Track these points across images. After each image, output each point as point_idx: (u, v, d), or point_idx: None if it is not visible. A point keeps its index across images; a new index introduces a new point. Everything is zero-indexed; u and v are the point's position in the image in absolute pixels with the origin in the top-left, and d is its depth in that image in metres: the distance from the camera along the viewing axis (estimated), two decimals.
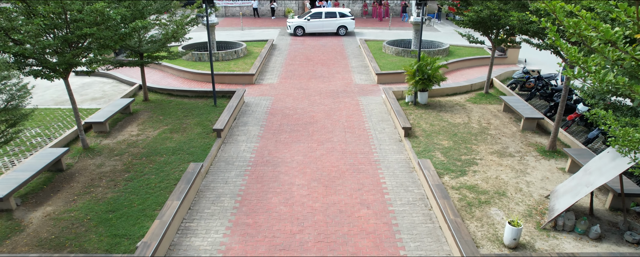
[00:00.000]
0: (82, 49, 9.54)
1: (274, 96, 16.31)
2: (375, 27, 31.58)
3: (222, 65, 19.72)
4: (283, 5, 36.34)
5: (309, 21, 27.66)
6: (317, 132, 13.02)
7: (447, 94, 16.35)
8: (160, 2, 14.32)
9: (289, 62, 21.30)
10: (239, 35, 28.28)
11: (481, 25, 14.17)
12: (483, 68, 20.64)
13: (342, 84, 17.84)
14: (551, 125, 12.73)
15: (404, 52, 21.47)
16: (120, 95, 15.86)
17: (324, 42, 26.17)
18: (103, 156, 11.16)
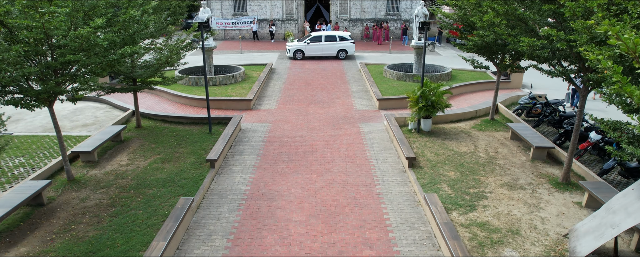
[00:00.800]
0: (67, 76, 9.00)
1: (272, 123, 15.73)
2: (375, 51, 31.29)
3: (219, 90, 19.22)
4: (283, 28, 36.22)
5: (309, 45, 27.36)
6: (317, 161, 12.38)
7: (451, 121, 15.77)
8: (155, 26, 13.91)
9: (288, 87, 20.82)
10: (237, 58, 27.95)
11: (486, 50, 13.71)
12: (486, 93, 20.16)
13: (343, 109, 17.29)
14: (563, 155, 12.10)
15: (406, 76, 21.02)
16: (112, 121, 15.28)
17: (324, 65, 25.79)
18: (88, 188, 10.49)
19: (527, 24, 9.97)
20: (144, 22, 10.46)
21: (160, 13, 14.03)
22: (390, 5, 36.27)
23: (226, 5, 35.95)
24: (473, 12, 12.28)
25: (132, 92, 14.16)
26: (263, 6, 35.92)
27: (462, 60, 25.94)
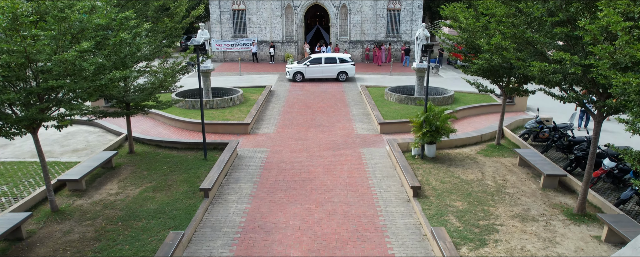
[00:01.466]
0: (53, 101, 8.49)
1: (270, 148, 15.17)
2: (376, 73, 30.98)
3: (217, 114, 18.73)
4: (282, 50, 36.04)
5: (309, 67, 27.04)
6: (316, 190, 11.76)
7: (456, 146, 15.21)
8: (150, 49, 13.51)
9: (287, 110, 20.34)
10: (236, 80, 27.59)
11: (491, 73, 13.27)
12: (490, 116, 19.67)
13: (343, 133, 16.75)
14: (576, 183, 11.50)
15: (407, 99, 20.56)
16: (104, 146, 14.72)
17: (324, 88, 25.39)
18: (73, 220, 9.85)
19: (535, 47, 9.53)
20: (136, 45, 10.02)
21: (156, 35, 13.66)
22: (391, 27, 36.19)
23: (226, 27, 35.86)
24: (479, 35, 11.87)
25: (125, 117, 13.65)
26: (263, 28, 35.83)
27: (464, 82, 25.57)
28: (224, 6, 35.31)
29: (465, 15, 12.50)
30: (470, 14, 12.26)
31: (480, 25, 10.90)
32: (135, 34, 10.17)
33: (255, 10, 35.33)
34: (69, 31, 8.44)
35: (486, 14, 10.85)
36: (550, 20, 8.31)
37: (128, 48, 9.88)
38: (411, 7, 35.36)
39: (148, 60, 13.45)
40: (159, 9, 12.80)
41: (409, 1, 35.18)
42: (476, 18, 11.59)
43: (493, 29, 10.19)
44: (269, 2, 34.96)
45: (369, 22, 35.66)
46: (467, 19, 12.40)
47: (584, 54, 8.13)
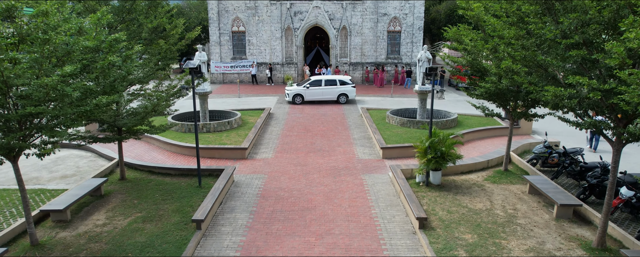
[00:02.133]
0: (32, 129, 7.92)
1: (268, 174, 14.53)
2: (377, 95, 30.56)
3: (213, 137, 18.15)
4: (282, 72, 35.73)
5: (308, 89, 26.61)
6: (316, 221, 11.07)
7: (462, 172, 14.57)
8: (144, 72, 13.03)
9: (286, 133, 19.78)
10: (235, 103, 27.12)
11: (498, 96, 12.75)
12: (495, 139, 19.09)
13: (344, 159, 16.13)
14: (593, 214, 10.82)
15: (410, 122, 20.02)
16: (95, 172, 14.09)
17: (324, 110, 24.90)
18: (54, 255, 9.14)
19: (546, 70, 9.02)
20: (127, 69, 9.51)
21: (151, 57, 13.20)
22: (391, 49, 35.99)
23: (225, 49, 35.66)
24: (488, 58, 11.38)
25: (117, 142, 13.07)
26: (262, 50, 35.62)
27: (466, 104, 25.11)
28: (224, 28, 35.19)
29: (472, 37, 12.06)
30: (478, 35, 11.80)
31: (489, 47, 10.43)
32: (125, 57, 9.68)
33: (255, 32, 35.20)
34: (53, 54, 7.94)
35: (494, 35, 10.39)
36: (565, 43, 7.81)
37: (118, 71, 9.37)
38: (411, 29, 35.23)
39: (142, 83, 12.94)
40: (153, 30, 12.37)
41: (409, 23, 35.07)
42: (485, 40, 11.13)
43: (502, 52, 9.70)
44: (268, 24, 34.85)
45: (369, 44, 35.47)
46: (473, 41, 11.96)
47: (602, 78, 7.61)
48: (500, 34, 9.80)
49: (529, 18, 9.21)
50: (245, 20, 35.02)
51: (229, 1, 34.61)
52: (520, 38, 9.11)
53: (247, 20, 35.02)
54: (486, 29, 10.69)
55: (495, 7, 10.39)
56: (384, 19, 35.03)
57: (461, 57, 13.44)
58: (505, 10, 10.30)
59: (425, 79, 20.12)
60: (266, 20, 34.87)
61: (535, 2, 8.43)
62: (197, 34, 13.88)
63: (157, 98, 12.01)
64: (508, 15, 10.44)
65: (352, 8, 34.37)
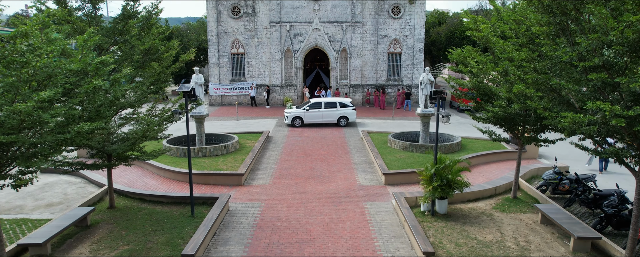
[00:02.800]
0: (6, 158, 7.30)
1: (265, 202, 13.82)
2: (377, 117, 30.03)
3: (209, 162, 17.50)
4: (281, 94, 35.31)
5: (308, 112, 26.08)
6: (315, 254, 10.32)
7: (469, 200, 13.87)
8: (136, 95, 12.50)
9: (285, 158, 19.13)
10: (233, 125, 26.57)
11: (506, 121, 12.17)
12: (501, 164, 18.45)
13: (345, 185, 15.44)
14: (613, 248, 10.07)
15: (412, 146, 19.40)
16: (84, 199, 13.38)
17: (324, 133, 24.31)
18: None
19: (559, 95, 8.47)
20: (114, 93, 8.95)
21: (144, 81, 12.68)
22: (392, 71, 35.67)
23: (224, 71, 35.34)
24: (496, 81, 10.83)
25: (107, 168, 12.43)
26: (262, 72, 35.30)
27: (469, 127, 24.57)
28: (223, 50, 34.95)
29: (480, 59, 11.54)
30: (487, 58, 11.27)
31: (500, 70, 9.88)
32: (113, 81, 9.14)
33: (255, 54, 34.95)
34: (33, 78, 7.39)
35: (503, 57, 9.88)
36: (582, 66, 7.27)
37: (104, 96, 8.81)
38: (412, 51, 34.99)
39: (134, 106, 12.39)
40: (145, 52, 11.89)
41: (409, 45, 34.85)
42: (494, 63, 10.61)
43: (513, 75, 9.16)
44: (268, 46, 34.63)
45: (370, 65, 35.18)
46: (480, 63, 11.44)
47: (624, 103, 7.03)
48: (509, 56, 9.28)
49: (540, 39, 8.70)
50: (244, 42, 34.82)
51: (228, 23, 34.48)
52: (531, 60, 8.59)
53: (247, 42, 34.82)
54: (495, 51, 10.19)
55: (503, 27, 9.92)
56: (384, 41, 34.83)
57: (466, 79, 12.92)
58: (514, 31, 9.81)
59: (428, 102, 19.61)
60: (266, 42, 34.67)
61: (547, 23, 7.93)
62: (191, 56, 13.43)
63: (148, 123, 11.39)
64: (517, 36, 9.95)
65: (352, 30, 34.21)
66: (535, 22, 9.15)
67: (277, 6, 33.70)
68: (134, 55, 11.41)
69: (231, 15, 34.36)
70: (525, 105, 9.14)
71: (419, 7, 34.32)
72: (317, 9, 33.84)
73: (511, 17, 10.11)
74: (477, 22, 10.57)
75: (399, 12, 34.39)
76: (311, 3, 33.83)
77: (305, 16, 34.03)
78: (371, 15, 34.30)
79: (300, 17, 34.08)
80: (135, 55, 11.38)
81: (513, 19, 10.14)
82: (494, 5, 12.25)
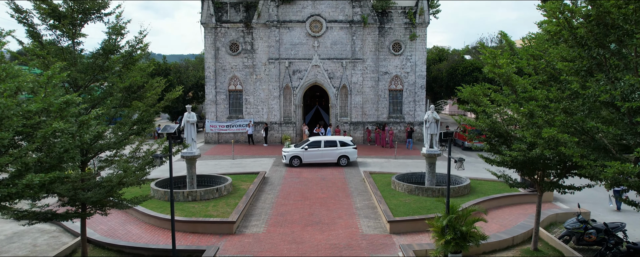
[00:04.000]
0: None
1: (257, 254, 12.39)
2: (379, 156, 28.81)
3: (199, 208, 16.16)
4: (280, 131, 34.23)
5: (307, 151, 24.88)
6: None
7: (484, 252, 12.45)
8: (117, 136, 11.36)
9: (281, 202, 17.77)
10: (228, 165, 25.32)
11: (525, 165, 10.95)
12: (514, 208, 17.13)
13: (346, 234, 14.04)
14: None
15: (418, 189, 18.08)
16: (55, 252, 11.99)
17: (324, 174, 23.01)
18: None
19: (594, 139, 7.32)
20: (81, 138, 7.80)
21: (126, 120, 11.57)
22: (393, 108, 34.76)
23: (221, 108, 34.42)
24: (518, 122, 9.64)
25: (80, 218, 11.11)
26: (260, 109, 34.38)
27: (476, 167, 23.30)
28: (220, 87, 34.19)
29: (499, 98, 10.43)
30: (510, 97, 10.14)
31: (524, 112, 8.74)
32: (81, 123, 8.01)
33: (253, 91, 34.15)
34: None
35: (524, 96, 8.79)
36: (627, 107, 6.16)
37: (71, 140, 7.66)
38: (413, 88, 34.21)
39: (111, 149, 11.21)
40: (125, 90, 10.85)
41: (411, 81, 34.12)
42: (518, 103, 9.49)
43: (540, 117, 8.03)
44: (266, 83, 33.90)
45: (370, 102, 34.30)
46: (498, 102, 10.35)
47: None
48: (532, 95, 8.19)
49: (566, 76, 7.64)
50: (242, 78, 34.12)
51: (226, 60, 33.90)
52: (560, 100, 7.50)
53: (245, 79, 34.11)
54: (517, 90, 9.13)
55: (521, 63, 8.91)
56: (385, 78, 34.13)
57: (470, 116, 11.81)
58: (532, 66, 8.79)
59: (433, 141, 18.47)
60: (264, 78, 33.97)
61: (579, 57, 6.89)
62: (178, 94, 12.40)
63: (124, 169, 10.17)
64: (537, 73, 8.92)
65: (352, 67, 33.57)
66: (557, 57, 8.14)
67: (276, 43, 33.22)
68: (114, 93, 10.36)
69: (229, 51, 33.83)
70: (555, 152, 7.99)
71: (419, 43, 33.84)
72: (317, 45, 33.36)
73: (528, 51, 9.13)
74: (496, 56, 9.57)
75: (399, 48, 33.88)
76: (311, 40, 33.38)
77: (304, 53, 33.49)
78: (371, 51, 33.77)
79: (300, 54, 33.54)
80: (115, 93, 10.33)
81: (530, 54, 9.14)
82: (506, 39, 11.32)
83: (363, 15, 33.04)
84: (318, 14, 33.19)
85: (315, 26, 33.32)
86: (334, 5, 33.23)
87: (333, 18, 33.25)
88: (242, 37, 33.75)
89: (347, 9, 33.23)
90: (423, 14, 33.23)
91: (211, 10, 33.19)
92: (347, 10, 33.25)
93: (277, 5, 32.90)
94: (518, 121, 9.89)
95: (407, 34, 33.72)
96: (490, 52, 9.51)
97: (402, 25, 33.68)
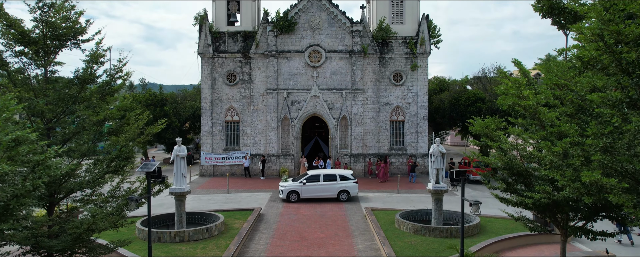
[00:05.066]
0: None
1: None
2: (381, 190, 27.48)
3: (186, 250, 14.83)
4: (278, 164, 32.99)
5: (305, 185, 23.59)
6: None
7: None
8: (92, 175, 10.22)
9: (277, 243, 16.40)
10: (222, 200, 24.00)
11: (549, 207, 9.73)
12: (529, 249, 15.86)
13: None
14: None
15: (425, 229, 16.76)
16: None
17: (323, 210, 21.68)
18: None
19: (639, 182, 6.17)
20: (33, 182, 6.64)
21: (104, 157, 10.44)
22: (395, 139, 33.66)
23: (217, 140, 33.34)
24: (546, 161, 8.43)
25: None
26: (257, 140, 33.28)
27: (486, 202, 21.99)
28: (217, 118, 33.22)
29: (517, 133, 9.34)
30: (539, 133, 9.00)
31: (558, 151, 7.59)
32: (35, 163, 6.87)
33: (250, 122, 33.16)
34: None
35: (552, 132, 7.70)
36: None
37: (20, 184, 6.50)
38: (415, 119, 33.24)
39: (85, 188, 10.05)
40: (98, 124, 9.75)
41: (412, 112, 33.19)
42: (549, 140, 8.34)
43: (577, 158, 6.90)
44: (264, 114, 32.95)
45: (371, 134, 33.24)
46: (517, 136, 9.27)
47: None
48: (560, 130, 7.11)
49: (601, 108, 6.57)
50: (239, 109, 33.20)
51: (223, 90, 33.09)
52: (600, 136, 6.40)
53: (242, 110, 33.18)
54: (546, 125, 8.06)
55: (546, 93, 7.88)
56: (386, 109, 33.21)
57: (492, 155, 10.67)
58: (558, 97, 7.75)
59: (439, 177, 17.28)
60: (262, 109, 33.05)
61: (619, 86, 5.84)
62: (160, 128, 11.31)
63: (93, 214, 8.97)
64: (563, 104, 7.87)
65: (353, 97, 32.72)
66: (586, 86, 7.11)
67: (275, 73, 32.51)
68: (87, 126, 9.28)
69: (226, 82, 33.06)
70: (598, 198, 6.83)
71: (421, 73, 33.12)
72: (316, 76, 32.62)
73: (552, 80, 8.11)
74: (521, 86, 8.50)
75: (400, 78, 33.13)
76: (310, 70, 32.68)
77: (303, 83, 32.71)
78: (372, 82, 33.00)
79: (298, 84, 32.75)
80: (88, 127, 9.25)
81: (554, 83, 8.12)
82: (520, 67, 10.35)
83: (363, 45, 32.47)
84: (317, 44, 32.62)
85: (315, 56, 32.70)
86: (333, 35, 32.71)
87: (332, 48, 32.67)
88: (239, 67, 33.06)
89: (347, 39, 32.70)
90: (424, 43, 32.66)
91: (209, 40, 32.64)
92: (347, 40, 32.71)
93: (275, 35, 32.38)
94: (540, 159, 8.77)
95: (408, 64, 33.05)
96: (514, 82, 8.46)
97: (403, 55, 33.05)
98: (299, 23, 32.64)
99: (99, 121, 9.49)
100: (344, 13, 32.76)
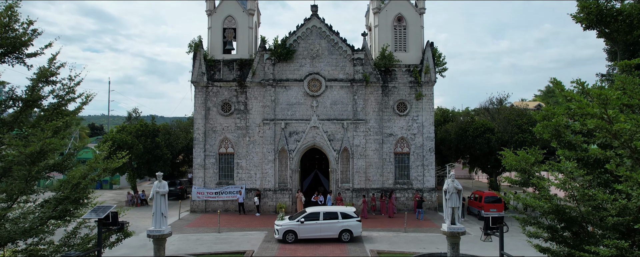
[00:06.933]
0: None
1: None
2: (386, 229, 25.11)
3: None
4: (274, 199, 30.71)
5: (303, 224, 21.30)
6: None
7: None
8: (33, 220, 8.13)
9: None
10: (211, 241, 21.65)
11: None
12: None
13: None
14: None
15: None
16: None
17: (323, 252, 19.36)
18: None
19: None
20: None
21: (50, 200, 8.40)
22: (399, 173, 31.52)
23: (210, 173, 31.20)
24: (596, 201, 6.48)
25: None
26: (252, 174, 31.13)
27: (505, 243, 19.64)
28: (210, 150, 31.22)
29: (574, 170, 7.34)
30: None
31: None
32: None
33: (245, 154, 31.13)
34: None
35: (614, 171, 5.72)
36: None
37: None
38: (421, 151, 31.23)
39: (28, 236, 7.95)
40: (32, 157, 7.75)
41: (418, 144, 31.21)
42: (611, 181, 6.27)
43: None
44: (260, 146, 30.98)
45: (375, 167, 31.15)
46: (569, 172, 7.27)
47: None
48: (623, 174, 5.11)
49: None
50: (234, 141, 31.25)
51: (217, 120, 31.25)
52: None
53: (237, 141, 31.23)
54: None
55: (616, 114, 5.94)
56: (389, 140, 31.26)
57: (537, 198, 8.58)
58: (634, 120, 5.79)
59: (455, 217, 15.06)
60: (258, 141, 31.10)
61: None
62: (119, 164, 9.33)
63: None
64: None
65: (354, 128, 30.84)
66: None
67: (272, 102, 30.78)
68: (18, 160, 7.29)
69: (221, 111, 31.28)
70: None
71: (426, 103, 31.38)
72: (316, 105, 30.87)
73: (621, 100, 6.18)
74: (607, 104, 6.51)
75: (404, 108, 31.36)
76: (309, 99, 30.96)
77: (302, 113, 30.92)
78: (374, 112, 31.22)
79: (297, 115, 30.95)
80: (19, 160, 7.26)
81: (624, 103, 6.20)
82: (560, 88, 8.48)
83: (365, 73, 30.90)
84: (317, 73, 31.07)
85: (314, 85, 31.07)
86: (333, 63, 31.21)
87: (333, 76, 31.10)
88: (235, 96, 31.37)
89: (348, 67, 31.18)
90: (429, 71, 31.10)
91: (203, 69, 31.11)
92: (348, 68, 31.18)
93: (273, 63, 30.89)
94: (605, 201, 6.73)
95: (412, 93, 31.38)
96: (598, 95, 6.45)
97: (407, 84, 31.42)
98: (297, 51, 31.21)
99: (32, 153, 7.50)
100: (345, 40, 31.41)
